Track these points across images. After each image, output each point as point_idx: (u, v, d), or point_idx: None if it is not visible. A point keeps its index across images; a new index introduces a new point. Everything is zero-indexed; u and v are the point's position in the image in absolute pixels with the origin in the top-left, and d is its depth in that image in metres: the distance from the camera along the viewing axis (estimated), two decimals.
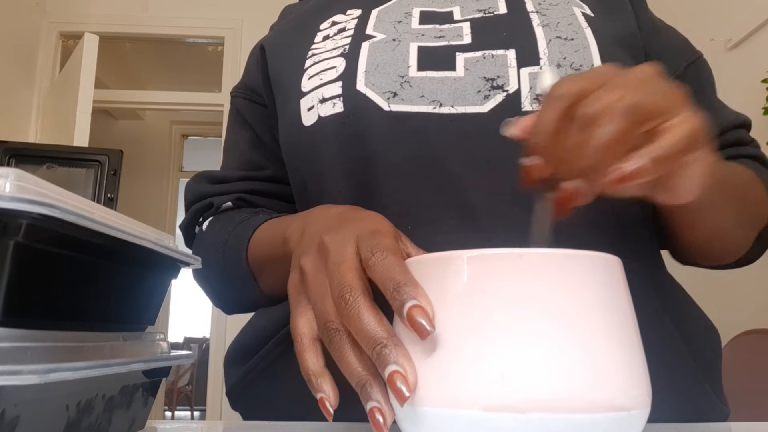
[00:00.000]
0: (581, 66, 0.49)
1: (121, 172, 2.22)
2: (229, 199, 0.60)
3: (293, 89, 0.54)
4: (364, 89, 0.50)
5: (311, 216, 0.43)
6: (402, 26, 0.54)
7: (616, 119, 0.30)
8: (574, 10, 0.53)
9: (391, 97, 0.49)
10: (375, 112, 0.49)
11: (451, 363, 0.27)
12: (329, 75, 0.52)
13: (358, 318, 0.29)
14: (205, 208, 0.61)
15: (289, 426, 0.44)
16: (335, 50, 0.53)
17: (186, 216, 0.63)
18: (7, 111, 2.73)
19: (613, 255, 0.30)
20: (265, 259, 0.49)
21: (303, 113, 0.52)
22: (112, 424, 0.34)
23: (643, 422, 0.28)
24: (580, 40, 0.50)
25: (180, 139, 4.65)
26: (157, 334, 0.40)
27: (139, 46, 3.91)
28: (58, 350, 0.28)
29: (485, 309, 0.27)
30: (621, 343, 0.27)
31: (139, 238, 0.33)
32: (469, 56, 0.50)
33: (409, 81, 0.49)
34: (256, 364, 0.54)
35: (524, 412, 0.25)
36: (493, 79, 0.49)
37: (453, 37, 0.52)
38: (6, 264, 0.26)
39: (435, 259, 0.30)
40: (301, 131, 0.52)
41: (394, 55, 0.51)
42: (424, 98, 0.49)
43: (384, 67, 0.50)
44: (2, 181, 0.25)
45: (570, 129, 0.32)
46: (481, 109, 0.48)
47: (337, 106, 0.50)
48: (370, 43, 0.53)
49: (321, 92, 0.51)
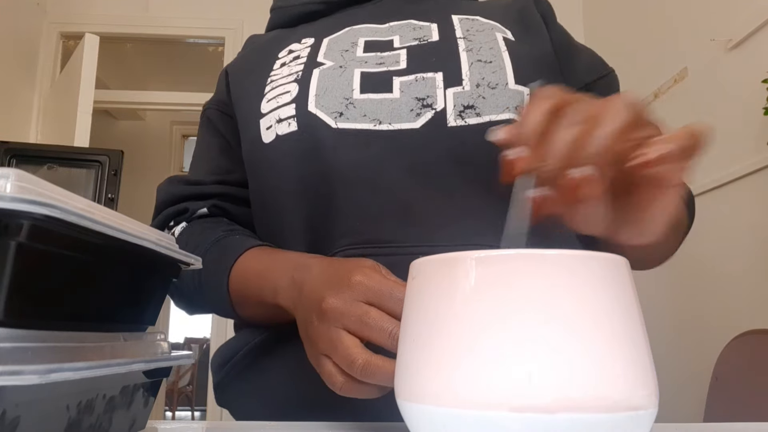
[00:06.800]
0: (497, 84, 0.55)
1: (121, 172, 2.22)
2: (204, 206, 0.64)
3: (253, 111, 0.61)
4: (315, 110, 0.56)
5: (304, 273, 0.46)
6: (348, 54, 0.61)
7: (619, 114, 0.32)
8: (496, 35, 0.60)
9: (337, 117, 0.55)
10: (325, 129, 0.55)
11: (477, 364, 0.27)
12: (285, 98, 0.58)
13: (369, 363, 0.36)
14: (179, 213, 0.64)
15: (289, 426, 0.44)
16: (290, 76, 0.60)
17: (157, 218, 0.65)
18: (7, 111, 2.73)
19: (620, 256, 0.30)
20: (250, 297, 0.53)
21: (263, 132, 0.58)
22: (112, 424, 0.34)
23: (653, 420, 0.28)
24: (497, 62, 0.57)
25: (180, 139, 4.66)
26: (158, 334, 0.40)
27: (139, 47, 3.91)
28: (59, 350, 0.28)
29: (509, 309, 0.27)
30: (636, 342, 0.28)
31: (140, 238, 0.33)
32: (404, 80, 0.57)
33: (353, 102, 0.56)
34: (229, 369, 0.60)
35: (553, 412, 0.25)
36: (424, 99, 0.56)
37: (391, 63, 0.59)
38: (7, 264, 0.26)
39: (441, 260, 0.30)
40: (261, 148, 0.58)
41: (340, 81, 0.58)
42: (366, 117, 0.55)
43: (331, 90, 0.57)
44: (3, 181, 0.25)
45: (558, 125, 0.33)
46: (414, 125, 0.54)
47: (292, 125, 0.56)
48: (320, 69, 0.59)
49: (278, 113, 0.58)
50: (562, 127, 0.33)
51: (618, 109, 0.32)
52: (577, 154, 0.32)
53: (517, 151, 0.34)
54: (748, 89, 1.63)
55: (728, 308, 1.71)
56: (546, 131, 0.33)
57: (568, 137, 0.32)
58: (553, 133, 0.33)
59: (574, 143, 0.32)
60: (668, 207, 0.35)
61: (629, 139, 0.32)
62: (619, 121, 0.32)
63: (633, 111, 0.33)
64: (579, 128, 0.32)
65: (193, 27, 3.18)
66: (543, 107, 0.34)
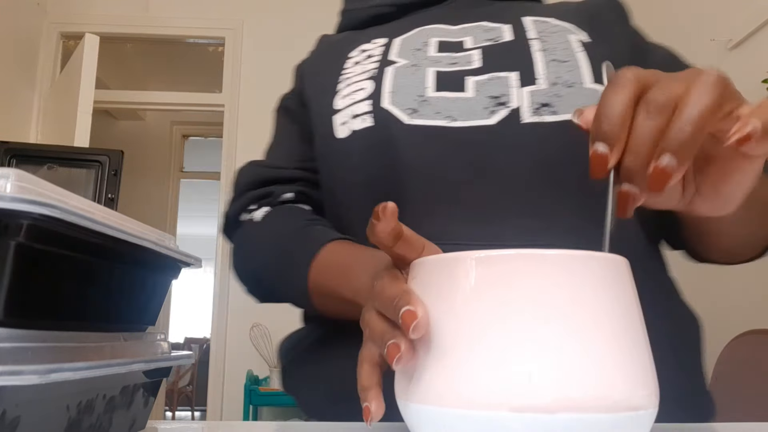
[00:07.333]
0: (574, 83, 0.55)
1: (121, 172, 2.22)
2: (290, 191, 0.65)
3: (326, 107, 0.62)
4: (389, 106, 0.57)
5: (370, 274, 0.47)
6: (420, 53, 0.62)
7: (706, 93, 0.30)
8: (569, 37, 0.60)
9: (411, 113, 0.56)
10: (398, 125, 0.56)
11: (477, 364, 0.27)
12: (359, 95, 0.60)
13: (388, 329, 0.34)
14: (264, 196, 0.65)
15: (289, 426, 0.44)
16: (364, 74, 0.62)
17: (239, 199, 0.66)
18: (7, 111, 2.73)
19: (619, 256, 0.30)
20: (329, 291, 0.53)
21: (337, 127, 0.60)
22: (112, 424, 0.34)
23: (653, 420, 0.28)
24: (573, 62, 0.57)
25: (180, 139, 4.65)
26: (158, 334, 0.40)
27: (139, 47, 3.91)
28: (59, 350, 0.28)
29: (509, 309, 0.27)
30: (636, 342, 0.28)
31: (140, 238, 0.33)
32: (477, 79, 0.57)
33: (427, 100, 0.57)
34: (294, 357, 0.62)
35: (553, 412, 0.25)
36: (498, 97, 0.55)
37: (464, 62, 0.59)
38: (7, 264, 0.26)
39: (441, 260, 0.30)
40: (334, 143, 0.60)
41: (414, 78, 0.59)
42: (439, 114, 0.56)
43: (405, 87, 0.58)
44: (3, 181, 0.26)
45: (639, 114, 0.32)
46: (489, 122, 0.54)
47: (367, 120, 0.57)
48: (394, 67, 0.60)
49: (353, 109, 0.59)
50: (645, 116, 0.31)
51: (703, 88, 0.31)
52: (666, 143, 0.30)
53: (603, 147, 0.32)
54: (748, 89, 1.63)
55: (728, 308, 1.71)
56: (629, 120, 0.32)
57: (652, 127, 0.31)
58: (637, 123, 0.32)
59: (660, 133, 0.31)
60: (748, 177, 0.35)
61: (718, 116, 0.31)
62: (705, 102, 0.30)
63: (719, 87, 0.31)
64: (664, 116, 0.31)
65: (193, 27, 3.18)
66: (624, 95, 0.32)
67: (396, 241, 0.34)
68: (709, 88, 0.31)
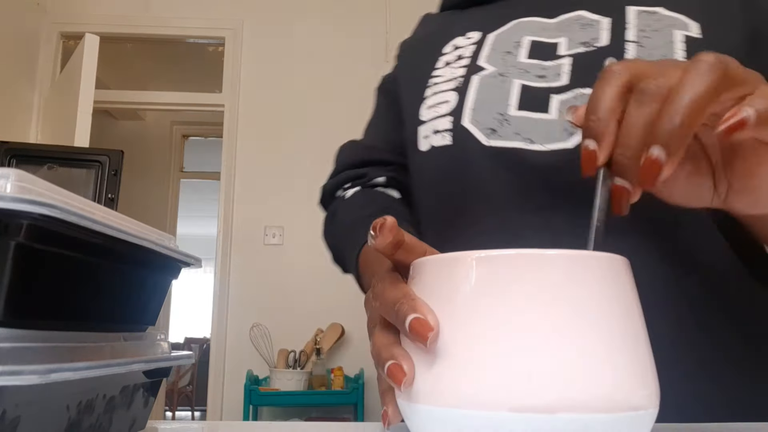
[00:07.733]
0: None
1: (121, 172, 2.22)
2: (384, 174, 0.68)
3: (413, 117, 0.63)
4: (468, 125, 0.57)
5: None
6: (510, 58, 0.59)
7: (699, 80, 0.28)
8: (675, 34, 0.53)
9: (490, 133, 0.55)
10: (475, 145, 0.55)
11: (477, 364, 0.27)
12: (443, 108, 0.60)
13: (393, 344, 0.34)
14: (358, 177, 0.68)
15: (289, 426, 0.44)
16: (450, 82, 0.61)
17: (334, 178, 0.71)
18: (7, 111, 2.73)
19: (621, 256, 0.30)
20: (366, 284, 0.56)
21: (420, 139, 0.61)
22: (112, 424, 0.34)
23: (653, 420, 0.28)
24: None
25: (181, 139, 4.65)
26: (158, 334, 0.40)
27: (139, 47, 3.91)
28: (59, 350, 0.28)
29: (509, 309, 0.27)
30: (636, 342, 0.28)
31: (140, 238, 0.33)
32: (562, 98, 0.55)
33: (508, 119, 0.55)
34: None
35: (553, 412, 0.25)
36: None
37: (552, 77, 0.56)
38: (7, 264, 0.26)
39: (441, 260, 0.30)
40: (416, 155, 0.62)
41: (498, 93, 0.57)
42: (518, 135, 0.54)
43: (488, 103, 0.57)
44: (3, 181, 0.26)
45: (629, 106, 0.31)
46: (566, 145, 0.52)
47: (447, 138, 0.58)
48: (480, 76, 0.59)
49: (435, 124, 0.60)
50: (635, 107, 0.30)
51: (696, 74, 0.29)
52: (655, 134, 0.29)
53: (592, 143, 0.31)
54: None
55: None
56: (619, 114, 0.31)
57: (641, 118, 0.30)
58: (627, 115, 0.30)
59: (650, 124, 0.29)
60: None
61: (719, 103, 0.29)
62: (698, 90, 0.28)
63: (715, 72, 0.29)
64: (654, 106, 0.29)
65: (193, 27, 3.18)
66: (611, 88, 0.31)
67: (396, 250, 0.34)
68: (702, 74, 0.29)
